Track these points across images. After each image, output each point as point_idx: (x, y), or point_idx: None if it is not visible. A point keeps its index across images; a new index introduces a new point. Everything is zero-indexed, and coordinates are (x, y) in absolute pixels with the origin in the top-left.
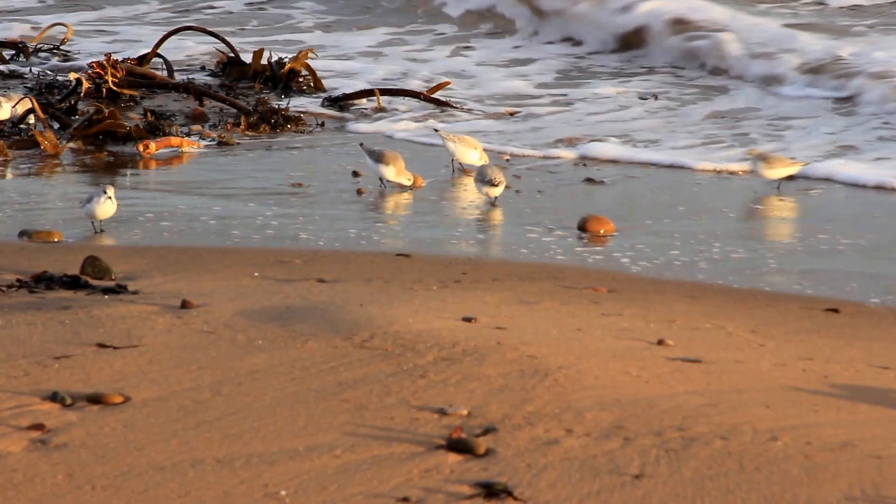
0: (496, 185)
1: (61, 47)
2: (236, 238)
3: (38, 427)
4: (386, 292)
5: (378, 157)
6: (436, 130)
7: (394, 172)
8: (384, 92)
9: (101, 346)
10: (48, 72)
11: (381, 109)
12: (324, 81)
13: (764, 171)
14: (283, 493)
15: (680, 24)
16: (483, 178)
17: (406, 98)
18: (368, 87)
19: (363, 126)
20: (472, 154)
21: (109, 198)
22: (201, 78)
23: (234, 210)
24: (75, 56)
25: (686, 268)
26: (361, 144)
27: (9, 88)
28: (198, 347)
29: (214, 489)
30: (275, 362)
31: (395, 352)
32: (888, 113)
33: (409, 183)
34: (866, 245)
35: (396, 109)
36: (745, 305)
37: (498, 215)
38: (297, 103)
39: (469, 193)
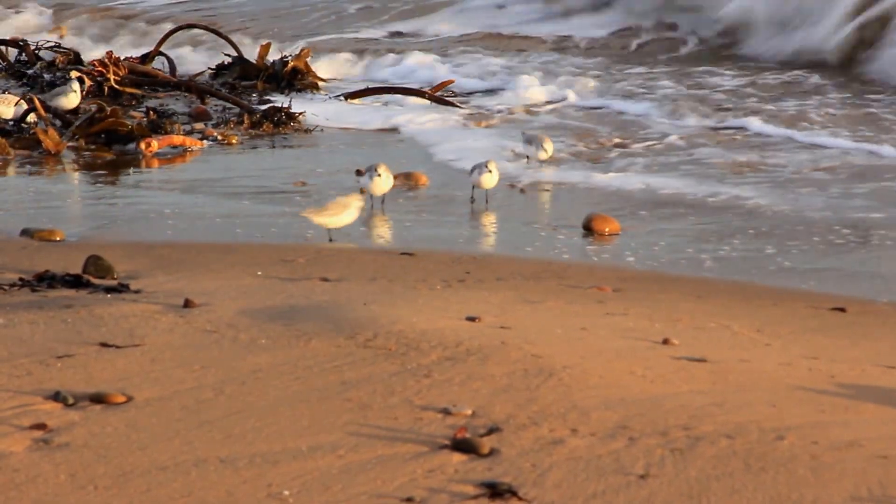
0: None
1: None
2: (239, 237)
3: (41, 427)
4: (389, 291)
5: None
6: (524, 134)
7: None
8: (386, 90)
9: (104, 345)
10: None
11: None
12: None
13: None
14: (287, 493)
15: None
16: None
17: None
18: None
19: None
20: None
21: (379, 175)
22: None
23: (236, 208)
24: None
25: (691, 266)
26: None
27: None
28: (200, 347)
29: (217, 489)
30: (278, 362)
31: (398, 351)
32: None
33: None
34: None
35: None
36: (750, 304)
37: (501, 214)
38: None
39: (469, 192)
